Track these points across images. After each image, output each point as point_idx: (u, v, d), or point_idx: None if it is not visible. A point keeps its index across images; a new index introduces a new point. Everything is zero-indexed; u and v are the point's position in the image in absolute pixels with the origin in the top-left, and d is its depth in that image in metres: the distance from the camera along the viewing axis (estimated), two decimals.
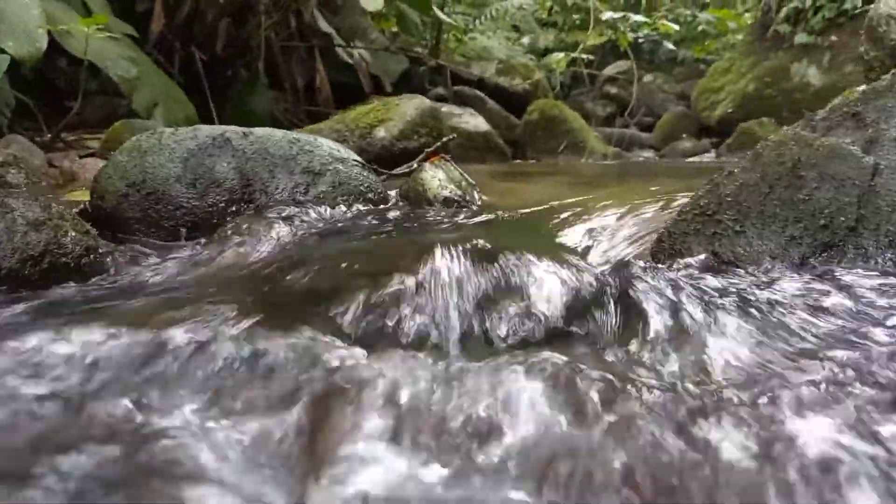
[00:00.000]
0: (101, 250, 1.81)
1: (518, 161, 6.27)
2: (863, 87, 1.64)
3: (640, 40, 8.25)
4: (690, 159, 6.31)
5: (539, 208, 2.12)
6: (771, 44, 7.44)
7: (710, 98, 7.90)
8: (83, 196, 2.36)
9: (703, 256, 1.57)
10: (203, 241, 2.04)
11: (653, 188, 3.03)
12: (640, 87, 7.89)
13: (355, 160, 2.28)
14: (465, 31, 6.56)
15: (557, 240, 1.77)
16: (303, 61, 6.36)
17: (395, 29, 6.90)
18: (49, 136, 3.99)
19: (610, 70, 8.42)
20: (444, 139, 2.45)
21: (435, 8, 5.82)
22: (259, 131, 2.21)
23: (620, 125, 8.40)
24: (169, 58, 5.24)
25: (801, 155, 1.56)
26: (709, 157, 6.55)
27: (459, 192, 2.20)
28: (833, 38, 6.81)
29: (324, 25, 6.36)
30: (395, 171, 2.46)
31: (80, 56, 4.00)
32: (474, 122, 6.04)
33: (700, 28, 9.19)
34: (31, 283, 1.60)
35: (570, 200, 2.33)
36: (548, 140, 6.49)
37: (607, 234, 1.84)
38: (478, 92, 6.79)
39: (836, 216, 1.45)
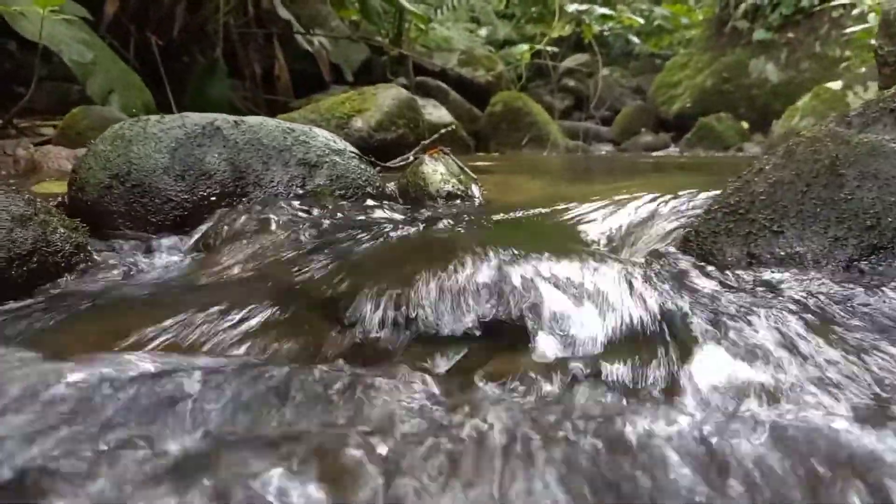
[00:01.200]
0: (89, 248, 1.66)
1: (481, 154, 6.21)
2: None
3: (606, 33, 8.27)
4: (655, 153, 6.33)
5: (545, 204, 2.04)
6: (728, 40, 7.53)
7: (667, 93, 7.96)
8: (56, 188, 2.19)
9: (738, 257, 1.51)
10: (195, 237, 1.91)
11: (642, 182, 2.99)
12: (598, 80, 7.90)
13: (352, 152, 2.17)
14: (427, 20, 6.44)
15: (587, 237, 1.70)
16: (261, 49, 6.18)
17: (355, 17, 6.75)
18: (0, 122, 3.75)
19: (569, 63, 8.41)
20: (443, 130, 2.35)
21: None
22: (251, 120, 2.08)
23: (578, 118, 8.41)
24: (124, 42, 5.00)
25: (837, 152, 1.51)
26: (671, 151, 6.58)
27: (461, 187, 2.11)
28: (790, 34, 6.93)
29: (283, 12, 6.18)
30: (390, 164, 2.35)
31: (34, 39, 3.77)
32: (437, 113, 5.95)
33: (656, 23, 9.26)
34: (17, 285, 1.45)
35: (570, 195, 2.26)
36: (511, 132, 6.44)
37: (628, 230, 1.77)
38: (440, 83, 6.69)
39: (882, 216, 1.41)
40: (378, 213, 1.92)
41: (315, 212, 1.91)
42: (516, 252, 1.23)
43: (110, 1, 4.87)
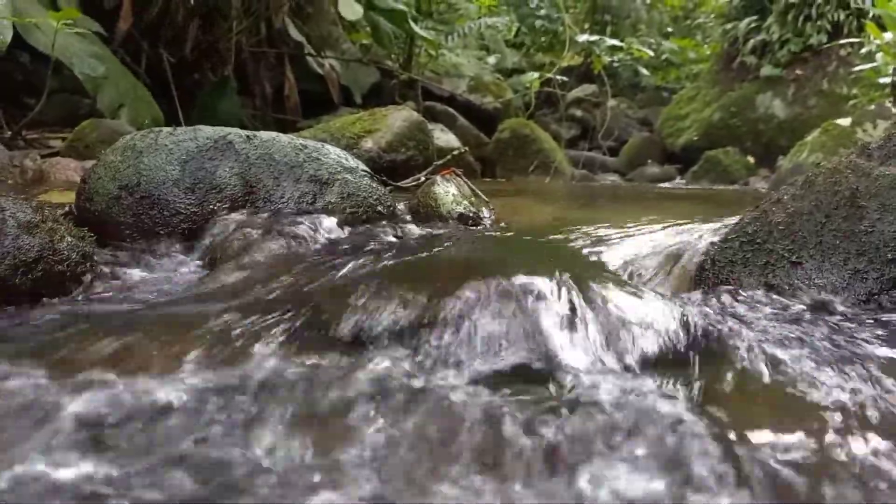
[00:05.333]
0: (96, 258, 1.64)
1: (488, 179, 6.20)
2: None
3: (616, 64, 8.32)
4: (662, 185, 6.33)
5: (556, 229, 2.02)
6: (736, 74, 7.56)
7: (674, 125, 7.98)
8: (63, 197, 2.17)
9: (755, 287, 1.49)
10: (202, 250, 1.89)
11: (650, 211, 2.98)
12: (606, 110, 7.92)
13: (364, 170, 2.15)
14: (438, 46, 6.47)
15: (599, 262, 1.67)
16: (272, 68, 6.20)
17: (366, 41, 6.78)
18: (9, 133, 3.74)
19: (577, 92, 8.45)
20: (455, 152, 2.34)
21: (410, 21, 5.72)
22: (263, 135, 2.06)
23: (585, 148, 8.42)
24: (136, 58, 5.02)
25: (858, 184, 1.50)
26: (677, 183, 6.58)
27: (473, 209, 2.09)
28: (798, 71, 6.95)
29: (295, 33, 6.21)
30: (402, 184, 2.33)
31: (46, 52, 3.78)
32: (445, 138, 5.95)
33: (664, 56, 9.31)
34: (22, 293, 1.43)
35: (578, 220, 2.24)
36: (518, 159, 6.44)
37: (641, 257, 1.75)
38: (449, 108, 6.71)
39: None
40: (389, 233, 1.90)
41: (324, 229, 1.89)
42: (530, 273, 1.21)
43: (124, 17, 4.88)
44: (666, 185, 6.43)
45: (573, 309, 1.05)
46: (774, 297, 1.45)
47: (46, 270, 1.46)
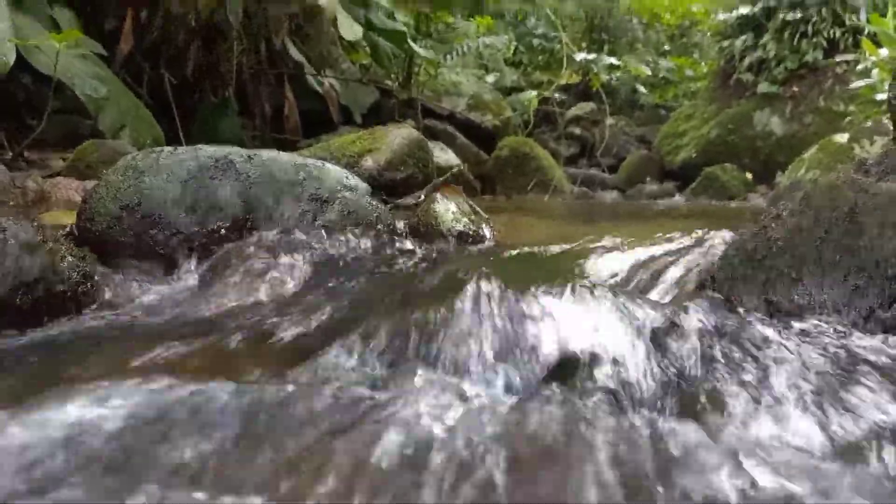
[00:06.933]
0: (96, 278, 1.64)
1: (488, 196, 6.21)
2: None
3: (614, 82, 8.37)
4: (661, 202, 6.34)
5: (556, 246, 2.03)
6: (734, 92, 7.60)
7: (673, 142, 8.01)
8: (64, 217, 2.18)
9: (756, 304, 1.49)
10: (202, 270, 1.89)
11: (649, 227, 2.99)
12: (605, 128, 7.96)
13: (364, 188, 2.16)
14: (437, 65, 6.51)
15: (600, 278, 1.68)
16: (272, 88, 6.23)
17: (366, 61, 6.83)
18: (11, 154, 3.76)
19: (575, 110, 8.49)
20: (454, 169, 2.35)
21: (410, 41, 5.76)
22: (264, 154, 2.07)
23: (584, 165, 8.45)
24: (137, 79, 5.05)
25: (856, 200, 1.50)
26: (676, 199, 6.60)
27: (473, 227, 2.09)
28: (795, 88, 6.99)
29: (294, 53, 6.25)
30: (402, 201, 2.34)
31: (48, 73, 3.80)
32: (445, 156, 5.97)
33: (661, 75, 9.36)
34: (22, 312, 1.43)
35: (578, 236, 2.25)
36: (517, 177, 6.46)
37: (641, 272, 1.75)
38: (448, 126, 6.74)
39: None
40: (388, 251, 1.91)
41: (325, 247, 1.90)
42: (529, 291, 1.21)
43: (125, 39, 4.92)
44: (665, 201, 6.45)
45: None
46: (774, 312, 1.45)
47: (47, 290, 1.47)
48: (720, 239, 1.85)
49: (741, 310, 1.47)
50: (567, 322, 1.17)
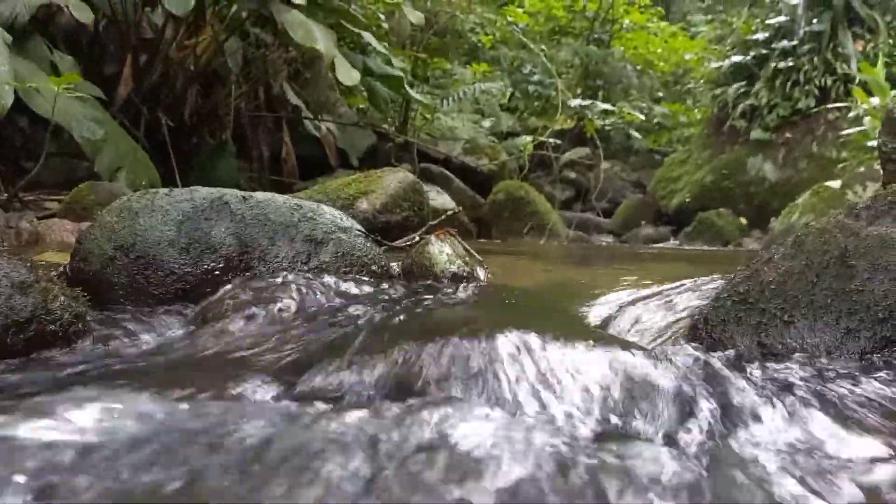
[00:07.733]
0: (89, 318, 1.64)
1: (483, 240, 6.24)
2: None
3: (608, 127, 8.48)
4: (656, 245, 6.37)
5: (551, 289, 2.03)
6: (727, 138, 7.69)
7: (668, 187, 8.08)
8: (58, 258, 2.18)
9: (748, 346, 1.49)
10: (194, 312, 1.88)
11: (645, 270, 2.99)
12: (600, 172, 8.03)
13: (358, 230, 2.16)
14: (433, 109, 6.59)
15: (593, 321, 1.68)
16: (270, 132, 6.30)
17: (363, 105, 6.91)
18: (6, 195, 3.77)
19: (570, 155, 8.57)
20: (449, 212, 2.36)
21: (407, 86, 5.84)
22: (259, 195, 2.08)
23: (579, 209, 8.50)
24: (135, 121, 5.10)
25: (847, 243, 1.51)
26: (671, 243, 6.62)
27: (467, 269, 2.10)
28: (787, 135, 7.07)
29: (293, 98, 6.33)
30: (396, 244, 2.35)
31: (46, 115, 3.84)
32: (440, 199, 6.01)
33: (656, 120, 9.48)
34: (13, 352, 1.42)
35: (573, 280, 2.25)
36: (513, 221, 6.49)
37: (634, 316, 1.75)
38: (444, 170, 6.79)
39: (895, 309, 1.39)
40: (381, 293, 1.90)
41: (318, 289, 1.90)
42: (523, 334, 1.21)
43: (124, 82, 4.98)
44: (660, 245, 6.48)
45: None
46: (767, 355, 1.45)
47: (39, 330, 1.46)
48: (714, 282, 1.86)
49: (732, 352, 1.47)
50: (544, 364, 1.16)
